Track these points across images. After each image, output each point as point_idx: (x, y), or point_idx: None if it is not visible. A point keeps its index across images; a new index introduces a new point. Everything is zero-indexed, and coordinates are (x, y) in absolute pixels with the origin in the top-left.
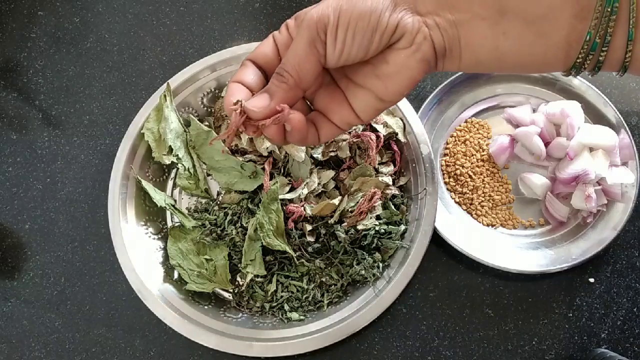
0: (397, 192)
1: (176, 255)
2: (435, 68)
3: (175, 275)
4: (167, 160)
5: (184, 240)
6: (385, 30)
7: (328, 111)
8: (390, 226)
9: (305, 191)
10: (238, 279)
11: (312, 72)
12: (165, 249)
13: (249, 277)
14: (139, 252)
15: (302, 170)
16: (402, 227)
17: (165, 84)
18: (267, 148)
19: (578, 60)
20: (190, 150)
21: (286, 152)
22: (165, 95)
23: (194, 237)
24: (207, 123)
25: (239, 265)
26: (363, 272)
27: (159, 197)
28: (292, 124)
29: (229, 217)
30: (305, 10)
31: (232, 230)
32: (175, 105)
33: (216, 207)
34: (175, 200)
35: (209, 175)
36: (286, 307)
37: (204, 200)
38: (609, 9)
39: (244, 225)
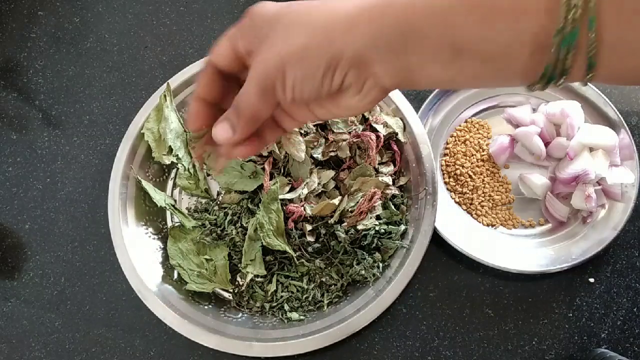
0: (397, 192)
1: (176, 255)
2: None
3: (175, 275)
4: (167, 160)
5: (183, 240)
6: (332, 82)
7: (290, 111)
8: (390, 226)
9: (305, 191)
10: (238, 279)
11: (267, 111)
12: (165, 249)
13: (249, 277)
14: (139, 252)
15: (302, 170)
16: (402, 227)
17: (165, 84)
18: (267, 147)
19: (538, 86)
20: (190, 150)
21: (286, 152)
22: (165, 95)
23: (193, 237)
24: None
25: (239, 265)
26: (363, 272)
27: (159, 197)
28: (243, 156)
29: (229, 217)
30: (257, 9)
31: (232, 230)
32: (175, 105)
33: (216, 207)
34: (175, 200)
35: (208, 175)
36: (286, 307)
37: (204, 200)
38: (566, 48)
39: (244, 225)
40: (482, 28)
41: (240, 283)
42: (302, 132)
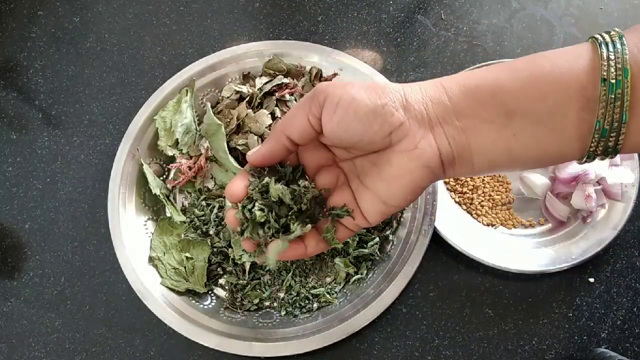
0: None
1: (158, 248)
2: (444, 175)
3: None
4: (170, 152)
5: (170, 233)
6: (389, 121)
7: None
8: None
9: None
10: (219, 288)
11: (299, 126)
12: None
13: (247, 265)
14: (139, 252)
15: None
16: (376, 239)
17: (190, 80)
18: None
19: (591, 149)
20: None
21: None
22: (187, 90)
23: (179, 233)
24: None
25: (217, 269)
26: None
27: (155, 185)
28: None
29: (214, 212)
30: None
31: (212, 231)
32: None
33: (203, 202)
34: (170, 192)
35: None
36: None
37: (193, 195)
38: (612, 96)
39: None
40: (527, 92)
41: (224, 296)
42: None
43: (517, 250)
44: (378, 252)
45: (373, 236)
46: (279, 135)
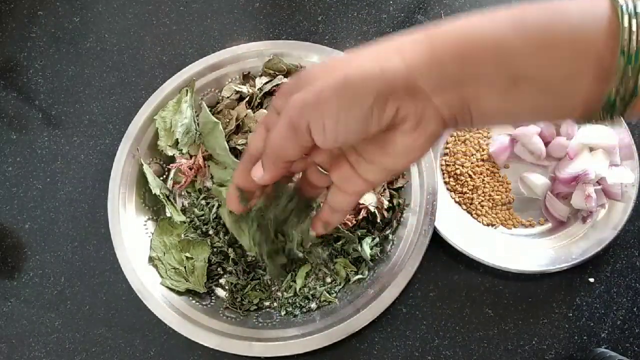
0: (382, 216)
1: (158, 248)
2: (446, 131)
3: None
4: (170, 152)
5: (169, 233)
6: (383, 117)
7: (343, 186)
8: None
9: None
10: (219, 288)
11: (294, 151)
12: None
13: (253, 252)
14: (139, 252)
15: None
16: (376, 240)
17: (191, 80)
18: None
19: (594, 118)
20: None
21: None
22: (187, 90)
23: (179, 233)
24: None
25: (218, 269)
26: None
27: (155, 185)
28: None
29: (214, 211)
30: (289, 84)
31: (212, 231)
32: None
33: (203, 202)
34: (171, 192)
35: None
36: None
37: (193, 194)
38: (629, 71)
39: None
40: (539, 57)
41: (224, 296)
42: None
43: (517, 250)
44: (378, 252)
45: (373, 236)
46: (278, 163)
